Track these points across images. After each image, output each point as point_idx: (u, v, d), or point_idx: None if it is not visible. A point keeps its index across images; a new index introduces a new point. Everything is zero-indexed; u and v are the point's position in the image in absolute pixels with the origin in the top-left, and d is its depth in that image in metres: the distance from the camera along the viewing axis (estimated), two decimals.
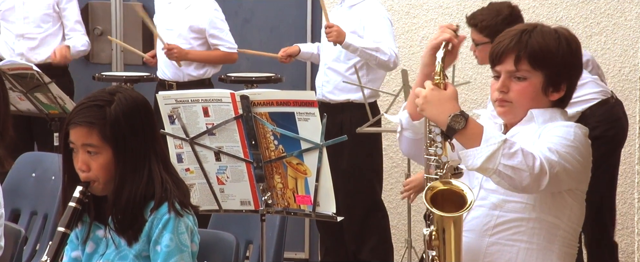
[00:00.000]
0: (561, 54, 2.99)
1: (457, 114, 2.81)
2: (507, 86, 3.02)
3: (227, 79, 6.23)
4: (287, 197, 3.74)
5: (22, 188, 4.78)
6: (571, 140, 2.93)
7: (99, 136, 3.01)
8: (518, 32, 3.02)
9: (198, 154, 3.74)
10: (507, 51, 3.01)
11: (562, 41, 2.99)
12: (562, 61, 2.99)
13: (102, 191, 3.07)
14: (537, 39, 2.98)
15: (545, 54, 2.97)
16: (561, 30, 3.04)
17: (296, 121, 3.58)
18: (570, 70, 3.03)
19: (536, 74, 2.99)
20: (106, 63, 7.11)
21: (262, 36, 6.68)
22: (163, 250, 3.02)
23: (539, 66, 2.98)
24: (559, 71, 3.00)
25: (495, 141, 2.79)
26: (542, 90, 3.01)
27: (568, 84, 3.03)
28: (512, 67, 3.00)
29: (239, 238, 3.58)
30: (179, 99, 3.70)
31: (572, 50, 3.01)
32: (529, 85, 3.00)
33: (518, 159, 2.79)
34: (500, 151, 2.78)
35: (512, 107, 3.03)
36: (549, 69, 2.99)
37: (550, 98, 3.02)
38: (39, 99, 5.51)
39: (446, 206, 2.86)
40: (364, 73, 5.77)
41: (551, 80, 3.00)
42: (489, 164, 2.80)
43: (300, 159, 3.64)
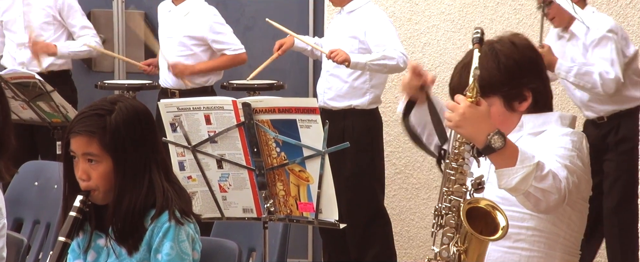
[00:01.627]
0: (504, 70, 3.00)
1: (497, 133, 2.78)
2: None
3: (229, 87, 6.23)
4: (290, 205, 3.74)
5: (25, 197, 4.77)
6: (570, 148, 2.95)
7: (99, 145, 3.01)
8: (459, 69, 3.06)
9: (200, 162, 3.73)
10: (455, 91, 2.96)
11: (500, 58, 3.01)
12: (509, 77, 3.01)
13: (103, 200, 3.07)
14: (474, 72, 2.87)
15: (488, 81, 2.97)
16: (499, 45, 3.04)
17: (298, 128, 3.58)
18: (523, 78, 3.03)
19: (493, 100, 3.02)
20: (108, 71, 7.12)
21: (264, 44, 6.67)
22: (164, 258, 3.02)
23: (490, 93, 3.00)
24: (512, 85, 3.01)
25: (531, 162, 2.79)
26: (507, 109, 3.04)
27: (532, 88, 3.03)
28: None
29: (242, 246, 3.57)
30: (181, 107, 3.69)
31: (515, 60, 3.02)
32: (493, 112, 2.95)
33: (549, 182, 2.81)
34: (533, 174, 2.79)
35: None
36: (500, 90, 3.01)
37: (520, 110, 3.05)
38: (41, 107, 5.52)
39: (475, 223, 2.84)
40: (367, 78, 5.77)
41: (510, 96, 3.03)
42: (521, 186, 2.81)
43: (302, 166, 3.64)
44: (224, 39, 6.19)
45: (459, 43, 6.42)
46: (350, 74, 5.76)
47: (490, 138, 2.77)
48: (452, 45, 6.44)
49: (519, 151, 2.81)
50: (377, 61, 5.58)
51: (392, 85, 6.53)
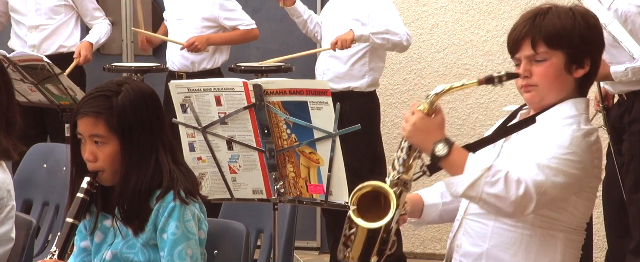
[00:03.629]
0: (578, 30, 2.97)
1: (442, 141, 2.86)
2: (529, 70, 3.01)
3: (237, 69, 6.23)
4: (300, 186, 3.73)
5: (34, 179, 4.78)
6: (566, 146, 2.90)
7: (105, 126, 3.02)
8: (531, 16, 3.02)
9: (210, 143, 3.73)
10: (522, 37, 3.00)
11: (577, 18, 2.98)
12: (580, 37, 2.98)
13: (110, 181, 3.08)
14: (552, 19, 2.97)
15: (561, 33, 2.97)
16: (577, 8, 3.04)
17: (309, 110, 3.58)
18: (591, 45, 3.01)
19: (556, 54, 2.98)
20: (117, 54, 7.12)
21: (272, 26, 6.67)
22: (170, 238, 3.03)
23: (557, 46, 2.98)
24: (579, 47, 2.98)
25: (478, 169, 2.83)
26: (565, 68, 2.99)
27: (591, 59, 3.02)
28: (530, 51, 2.99)
29: (250, 227, 3.58)
30: (192, 88, 3.69)
31: (589, 24, 3.00)
32: (551, 65, 2.99)
33: (500, 187, 2.82)
34: (482, 179, 2.82)
35: (537, 90, 3.02)
36: (568, 47, 2.98)
37: (575, 75, 3.01)
38: (49, 90, 5.51)
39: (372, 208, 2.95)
40: (366, 61, 5.77)
41: (572, 57, 2.99)
42: (471, 192, 2.84)
43: (313, 148, 3.64)
44: (235, 15, 6.20)
45: (468, 24, 6.41)
46: (350, 56, 5.75)
47: (434, 146, 2.85)
48: (461, 27, 6.43)
49: (467, 159, 2.85)
50: (381, 35, 5.59)
51: (400, 68, 6.53)
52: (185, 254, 3.04)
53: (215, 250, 3.29)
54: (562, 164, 2.88)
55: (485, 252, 3.03)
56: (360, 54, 5.76)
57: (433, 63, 6.49)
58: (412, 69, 6.54)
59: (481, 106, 6.43)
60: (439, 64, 6.48)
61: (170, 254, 3.04)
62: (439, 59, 6.48)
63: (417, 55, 6.51)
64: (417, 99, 6.48)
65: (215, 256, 3.29)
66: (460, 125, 6.43)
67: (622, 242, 5.28)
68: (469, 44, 6.41)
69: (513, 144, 3.06)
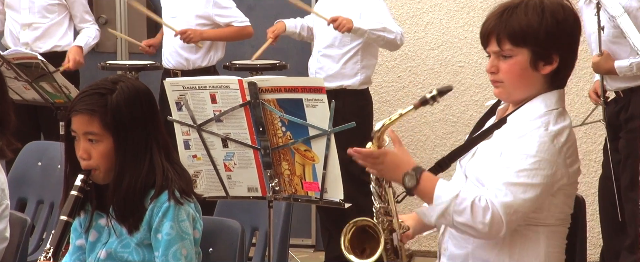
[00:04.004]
0: (544, 27, 2.94)
1: (408, 173, 2.94)
2: (495, 66, 3.02)
3: (232, 67, 6.23)
4: (295, 184, 3.73)
5: (28, 177, 4.78)
6: (533, 154, 2.90)
7: (100, 124, 3.01)
8: (500, 11, 3.01)
9: (205, 141, 3.73)
10: (489, 32, 3.01)
11: (545, 14, 2.95)
12: (546, 34, 2.95)
13: (103, 179, 3.07)
14: (518, 16, 2.96)
15: (525, 30, 2.95)
16: (549, 1, 2.99)
17: (304, 108, 3.57)
18: (559, 41, 2.97)
19: (521, 51, 2.97)
20: (111, 52, 7.11)
21: (267, 23, 6.65)
22: (164, 238, 3.02)
23: (522, 43, 2.96)
24: (545, 44, 2.96)
25: (446, 198, 2.88)
26: (530, 65, 2.98)
27: (561, 55, 2.99)
28: (496, 47, 3.00)
29: (245, 225, 3.57)
30: (187, 86, 3.69)
31: (558, 20, 2.96)
32: (516, 63, 2.97)
33: (467, 215, 2.87)
34: (450, 208, 2.87)
35: (504, 86, 3.02)
36: (533, 44, 2.95)
37: (542, 72, 2.99)
38: (44, 88, 5.50)
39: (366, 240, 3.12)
40: (358, 59, 5.78)
41: (538, 54, 2.97)
42: (443, 221, 2.92)
43: (308, 146, 3.64)
44: (229, 12, 6.20)
45: (462, 22, 6.41)
46: (341, 55, 5.76)
47: (403, 179, 2.93)
48: (455, 24, 6.43)
49: (435, 187, 2.90)
50: (377, 32, 5.62)
51: (394, 65, 6.53)
52: (179, 255, 3.04)
53: (211, 248, 3.29)
54: (530, 177, 2.89)
55: (470, 253, 3.04)
56: (352, 52, 5.77)
57: (427, 60, 6.49)
58: (406, 66, 6.54)
59: (475, 103, 6.43)
60: (434, 62, 6.48)
61: (164, 254, 3.03)
62: (434, 56, 6.48)
63: (412, 53, 6.51)
64: (412, 96, 6.49)
65: (210, 254, 3.29)
66: (454, 123, 6.44)
67: (617, 239, 5.29)
68: (464, 41, 6.41)
69: (487, 144, 3.06)
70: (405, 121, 6.50)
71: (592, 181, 6.08)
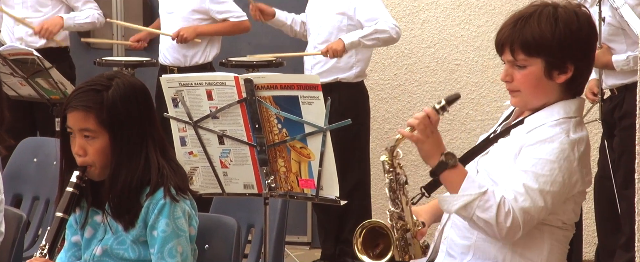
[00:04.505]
0: (558, 37, 2.95)
1: (450, 152, 2.94)
2: (510, 75, 3.03)
3: (228, 64, 6.22)
4: (291, 181, 3.73)
5: (24, 173, 4.77)
6: (552, 160, 2.91)
7: (95, 121, 3.01)
8: (514, 20, 3.01)
9: (201, 138, 3.72)
10: (503, 42, 3.01)
11: (559, 24, 2.95)
12: (559, 45, 2.95)
13: (99, 175, 3.07)
14: (531, 26, 2.96)
15: (539, 41, 2.95)
16: (561, 11, 2.99)
17: (300, 105, 3.57)
18: (572, 50, 2.97)
19: (535, 61, 2.98)
20: (107, 48, 7.10)
21: None
22: (160, 235, 3.03)
23: (535, 53, 2.97)
24: (558, 54, 2.96)
25: (474, 191, 2.88)
26: (545, 75, 2.98)
27: (576, 64, 2.99)
28: (510, 57, 3.01)
29: (241, 222, 3.57)
30: (183, 82, 3.68)
31: (571, 30, 2.96)
32: (530, 73, 2.99)
33: (491, 213, 2.87)
34: (476, 202, 2.88)
35: (520, 95, 3.04)
36: (546, 54, 2.96)
37: (557, 81, 2.99)
38: (40, 84, 5.50)
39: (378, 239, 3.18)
40: (353, 52, 5.80)
41: (552, 64, 2.97)
42: (463, 212, 2.92)
43: (303, 143, 3.63)
44: (226, 7, 6.20)
45: (458, 20, 6.41)
46: None
47: (446, 155, 2.93)
48: (452, 22, 6.43)
49: (466, 177, 2.90)
50: (370, 36, 5.63)
51: (391, 63, 6.53)
52: (175, 252, 3.04)
53: (206, 245, 3.29)
54: (548, 184, 2.90)
55: (472, 244, 3.05)
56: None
57: (424, 58, 6.49)
58: (402, 64, 6.54)
59: (472, 102, 6.43)
60: (430, 60, 6.48)
61: (160, 251, 3.03)
62: (430, 54, 6.48)
63: (408, 51, 6.51)
64: (408, 94, 6.50)
65: (206, 251, 3.29)
66: (451, 121, 6.44)
67: (612, 238, 5.29)
68: (460, 39, 6.41)
69: (503, 142, 3.07)
70: (402, 119, 6.50)
71: None
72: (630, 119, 5.03)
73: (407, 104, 6.53)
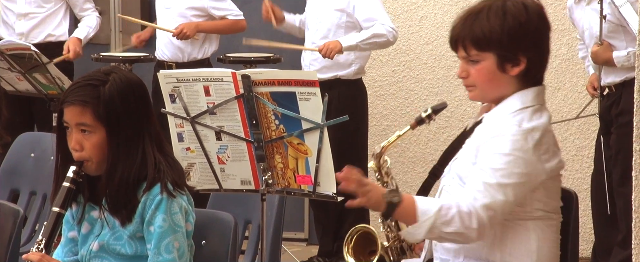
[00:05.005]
0: (507, 31, 2.97)
1: (390, 191, 2.93)
2: (466, 71, 3.06)
3: (226, 59, 6.22)
4: (288, 177, 3.73)
5: (21, 168, 4.77)
6: (506, 153, 2.93)
7: (92, 115, 3.00)
8: (464, 17, 3.04)
9: (199, 134, 3.72)
10: (456, 38, 3.05)
11: (507, 18, 2.98)
12: (509, 38, 2.98)
13: (96, 170, 3.06)
14: (481, 21, 2.99)
15: (488, 36, 2.98)
16: (512, 3, 3.01)
17: (297, 101, 3.57)
18: (523, 42, 3.00)
19: (487, 56, 3.00)
20: (105, 43, 7.09)
21: (261, 17, 6.64)
22: (156, 231, 3.02)
23: (486, 48, 2.99)
24: (509, 47, 2.99)
25: (431, 212, 2.89)
26: (498, 69, 3.01)
27: (528, 55, 3.02)
28: (464, 53, 3.04)
29: (238, 218, 3.57)
30: (180, 78, 3.68)
31: (520, 22, 2.99)
32: (483, 67, 3.01)
33: (456, 224, 2.89)
34: (437, 221, 2.89)
35: (476, 90, 3.07)
36: (497, 48, 2.99)
37: (511, 73, 3.02)
38: (37, 79, 5.50)
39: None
40: (364, 50, 5.79)
41: (504, 58, 3.00)
42: (431, 236, 2.94)
43: (301, 139, 3.64)
44: (224, 5, 6.21)
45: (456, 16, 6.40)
46: None
47: (387, 196, 2.91)
48: (449, 19, 6.41)
49: (416, 203, 2.91)
50: (368, 40, 5.66)
51: (388, 60, 6.53)
52: (172, 247, 3.04)
53: (203, 240, 3.29)
54: (505, 176, 2.92)
55: (461, 247, 3.06)
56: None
57: (422, 55, 6.49)
58: (400, 60, 6.54)
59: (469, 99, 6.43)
60: (428, 56, 6.48)
61: (157, 246, 3.03)
62: (428, 51, 6.48)
63: (406, 47, 6.51)
64: (406, 91, 6.50)
65: (203, 247, 3.28)
66: (448, 118, 6.44)
67: (609, 235, 5.30)
68: None
69: (467, 142, 3.10)
70: (399, 116, 6.50)
71: (585, 177, 6.08)
72: (627, 116, 5.03)
73: (405, 100, 6.54)
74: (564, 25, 5.86)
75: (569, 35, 6.00)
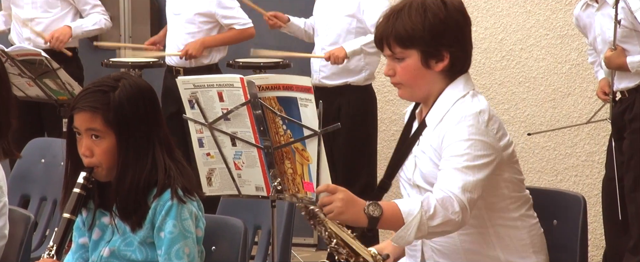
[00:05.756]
0: (428, 28, 3.03)
1: (370, 204, 2.94)
2: (392, 69, 3.13)
3: (235, 65, 6.23)
4: (297, 183, 3.72)
5: (32, 174, 4.78)
6: (466, 138, 2.99)
7: (102, 121, 3.02)
8: (387, 16, 3.11)
9: (217, 139, 3.72)
10: (380, 37, 3.12)
11: (427, 15, 3.04)
12: (431, 34, 3.04)
13: (106, 176, 3.08)
14: (402, 20, 3.06)
15: (410, 34, 3.04)
16: (429, 2, 3.06)
17: (299, 107, 3.57)
18: (445, 38, 3.06)
19: (411, 53, 3.07)
20: (114, 49, 7.11)
21: None
22: (167, 236, 3.03)
23: (410, 45, 3.06)
24: (432, 43, 3.05)
25: (414, 211, 2.91)
26: (423, 65, 3.07)
27: (450, 50, 3.07)
28: (389, 51, 3.11)
29: (248, 224, 3.57)
30: (196, 84, 3.68)
31: (440, 19, 3.04)
32: (408, 65, 3.09)
33: (439, 215, 2.92)
34: (423, 218, 2.91)
35: (404, 87, 3.14)
36: (420, 45, 3.05)
37: (436, 69, 3.08)
38: (47, 85, 5.51)
39: None
40: (361, 56, 5.79)
41: (428, 54, 3.06)
42: (420, 235, 2.96)
43: (304, 146, 3.63)
44: (233, 13, 6.20)
45: None
46: None
47: (367, 210, 2.94)
48: None
49: (399, 206, 2.93)
50: (372, 43, 5.62)
51: None
52: (182, 253, 3.05)
53: (213, 246, 3.29)
54: (471, 159, 2.97)
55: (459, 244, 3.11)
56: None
57: None
58: None
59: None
60: None
61: (167, 252, 3.04)
62: None
63: None
64: None
65: (213, 253, 3.29)
66: None
67: (620, 241, 5.28)
68: None
69: (419, 150, 3.14)
70: None
71: (595, 183, 6.07)
72: (639, 122, 5.03)
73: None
74: (573, 30, 5.85)
75: (578, 41, 5.99)
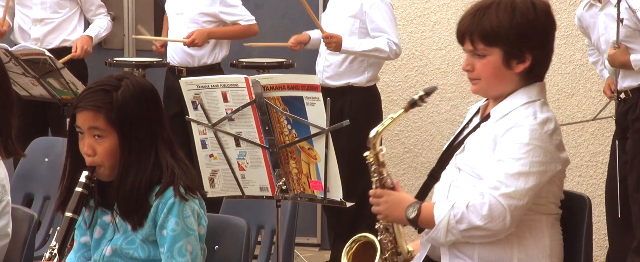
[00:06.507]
0: (515, 27, 3.02)
1: (409, 205, 3.04)
2: (471, 64, 3.12)
3: (238, 65, 6.23)
4: (302, 183, 3.73)
5: (35, 173, 4.78)
6: (526, 142, 2.97)
7: (105, 120, 3.02)
8: (473, 11, 3.09)
9: (220, 140, 3.72)
10: (464, 32, 3.10)
11: (516, 14, 3.03)
12: (516, 34, 3.03)
13: (108, 176, 3.08)
14: (490, 16, 3.04)
15: (497, 31, 3.03)
16: (521, 1, 3.06)
17: (305, 105, 3.57)
18: (530, 40, 3.05)
19: (493, 50, 3.06)
20: (118, 48, 7.11)
21: (274, 22, 6.66)
22: (169, 234, 3.03)
23: (494, 43, 3.04)
24: (516, 44, 3.04)
25: (443, 214, 2.96)
26: (503, 64, 3.06)
27: (533, 53, 3.06)
28: (470, 46, 3.09)
29: (251, 223, 3.57)
30: (200, 85, 3.69)
31: (529, 20, 3.04)
32: (489, 62, 3.07)
33: (466, 220, 2.94)
34: (451, 220, 2.96)
35: (480, 83, 3.12)
36: (504, 44, 3.04)
37: (516, 70, 3.07)
38: (51, 84, 5.51)
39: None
40: (363, 58, 5.78)
41: (511, 54, 3.05)
42: (451, 237, 2.98)
43: (310, 144, 3.63)
44: (235, 11, 6.20)
45: None
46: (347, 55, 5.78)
47: (406, 212, 3.02)
48: None
49: (433, 211, 2.99)
50: (369, 53, 5.70)
51: (401, 65, 6.53)
52: (185, 251, 3.05)
53: (216, 245, 3.29)
54: (526, 165, 2.96)
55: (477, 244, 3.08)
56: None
57: (435, 60, 6.49)
58: (413, 66, 6.53)
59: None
60: (441, 62, 6.48)
61: (170, 250, 3.04)
62: (441, 56, 6.47)
63: (419, 53, 6.51)
64: None
65: (216, 252, 3.29)
66: (461, 123, 6.41)
67: (624, 241, 5.27)
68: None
69: (475, 137, 3.14)
70: (412, 121, 6.50)
71: (599, 183, 6.07)
72: None
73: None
74: (577, 30, 5.84)
75: (582, 41, 5.98)
